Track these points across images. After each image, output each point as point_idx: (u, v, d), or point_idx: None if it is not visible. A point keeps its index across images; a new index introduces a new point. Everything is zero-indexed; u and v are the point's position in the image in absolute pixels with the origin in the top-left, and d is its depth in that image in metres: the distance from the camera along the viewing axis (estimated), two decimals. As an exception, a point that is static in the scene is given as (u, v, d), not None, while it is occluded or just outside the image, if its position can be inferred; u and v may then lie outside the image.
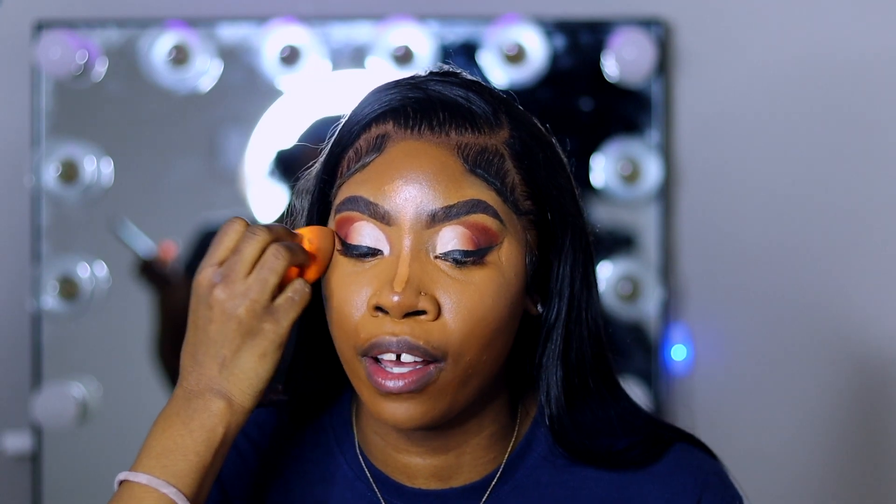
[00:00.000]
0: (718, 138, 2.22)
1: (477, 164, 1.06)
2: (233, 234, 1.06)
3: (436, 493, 1.13)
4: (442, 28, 2.19)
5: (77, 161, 2.19)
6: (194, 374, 1.04)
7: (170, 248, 2.20)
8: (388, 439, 1.13)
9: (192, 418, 1.03)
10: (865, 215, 2.21)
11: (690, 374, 2.21)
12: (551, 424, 1.13)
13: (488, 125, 1.09)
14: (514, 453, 1.15)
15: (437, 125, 1.07)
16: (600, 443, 1.14)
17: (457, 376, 1.05)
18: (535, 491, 1.14)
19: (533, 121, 1.14)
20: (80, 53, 2.17)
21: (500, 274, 1.06)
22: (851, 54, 2.20)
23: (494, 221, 1.06)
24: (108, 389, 2.22)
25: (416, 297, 1.03)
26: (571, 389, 1.13)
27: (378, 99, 1.10)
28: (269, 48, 2.19)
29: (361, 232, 1.06)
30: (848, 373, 2.20)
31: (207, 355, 1.04)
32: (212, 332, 1.04)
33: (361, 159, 1.08)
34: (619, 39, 2.16)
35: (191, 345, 1.05)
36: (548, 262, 1.12)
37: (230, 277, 1.04)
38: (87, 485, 2.22)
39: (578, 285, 1.12)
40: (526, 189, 1.09)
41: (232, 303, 1.03)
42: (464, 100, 1.09)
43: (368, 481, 1.15)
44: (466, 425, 1.12)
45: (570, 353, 1.12)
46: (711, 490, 1.14)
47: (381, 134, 1.08)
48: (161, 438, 1.03)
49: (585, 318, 1.13)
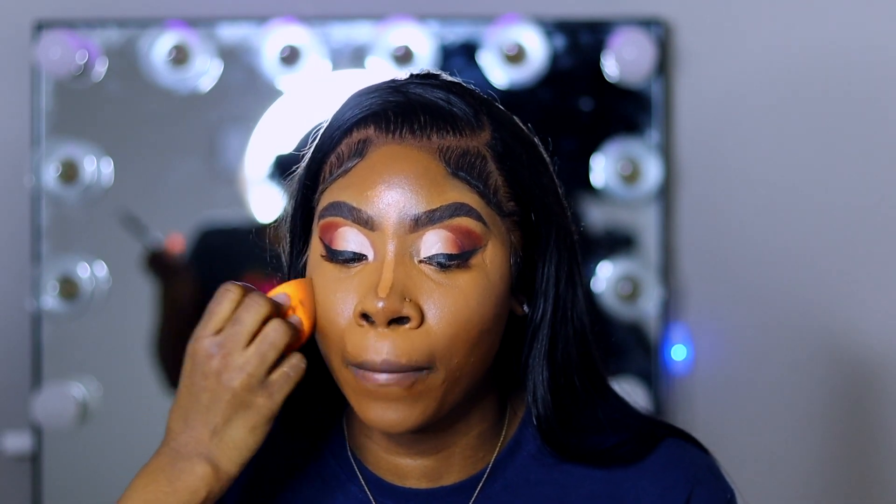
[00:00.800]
0: (718, 138, 2.22)
1: (459, 167, 1.06)
2: (228, 303, 1.05)
3: (426, 493, 1.14)
4: (442, 28, 2.19)
5: (77, 161, 2.19)
6: (184, 435, 1.05)
7: (177, 241, 2.21)
8: (379, 442, 1.14)
9: (177, 478, 1.04)
10: (866, 215, 2.21)
11: (690, 374, 2.21)
12: (539, 424, 1.13)
13: (469, 127, 1.08)
14: (503, 452, 1.15)
15: (419, 128, 1.07)
16: (589, 441, 1.14)
17: (444, 379, 1.05)
18: (524, 489, 1.14)
19: (515, 121, 1.13)
20: (80, 53, 2.17)
21: (484, 277, 1.06)
22: (851, 54, 2.20)
23: (478, 224, 1.06)
24: (108, 389, 2.22)
25: (401, 302, 1.04)
26: (558, 389, 1.13)
27: (358, 103, 1.10)
28: (269, 48, 2.19)
29: (345, 237, 1.06)
30: (847, 373, 2.20)
31: (198, 421, 1.04)
32: (204, 399, 1.04)
33: (343, 164, 1.08)
34: (619, 39, 2.16)
35: (182, 407, 1.05)
36: (532, 263, 1.12)
37: (227, 348, 1.04)
38: (87, 485, 2.22)
39: (563, 285, 1.12)
40: (509, 190, 1.09)
41: (228, 375, 1.03)
42: (444, 102, 1.09)
43: (360, 482, 1.15)
44: (455, 426, 1.12)
45: (556, 352, 1.12)
46: (703, 484, 1.14)
47: (363, 139, 1.08)
48: (143, 493, 1.04)
49: (571, 317, 1.13)
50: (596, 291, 2.18)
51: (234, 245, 2.21)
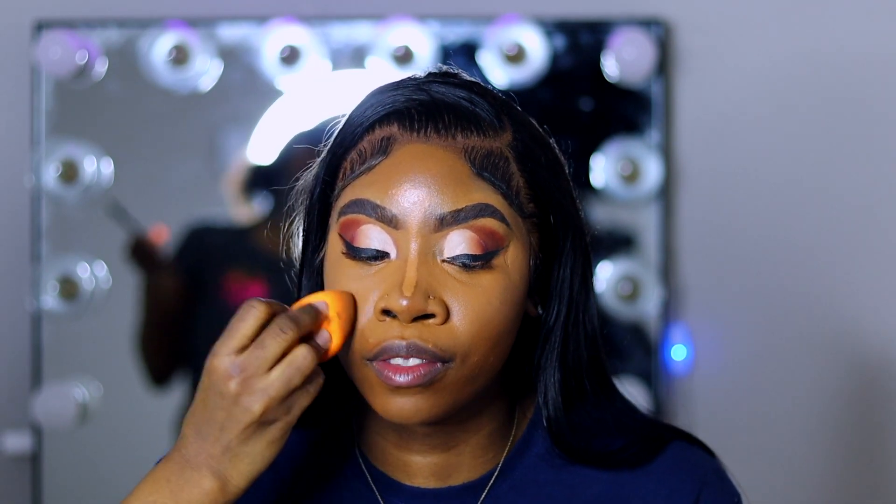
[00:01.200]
0: (718, 138, 2.22)
1: (484, 168, 1.06)
2: (252, 321, 1.01)
3: (434, 492, 1.13)
4: (442, 28, 2.19)
5: (77, 161, 2.19)
6: (195, 445, 1.02)
7: (161, 232, 2.20)
8: (389, 437, 1.13)
9: (181, 489, 1.02)
10: (866, 215, 2.21)
11: (690, 374, 2.21)
12: (549, 425, 1.13)
13: (492, 128, 1.08)
14: (512, 453, 1.15)
15: (443, 128, 1.07)
16: (597, 443, 1.14)
17: (463, 375, 1.05)
18: (532, 490, 1.14)
19: (532, 122, 1.13)
20: (80, 53, 2.17)
21: (506, 277, 1.06)
22: (852, 54, 2.20)
23: (501, 225, 1.06)
24: (108, 389, 2.21)
25: (425, 300, 1.03)
26: (568, 391, 1.13)
27: (380, 101, 1.09)
28: (269, 48, 2.19)
29: (368, 235, 1.06)
30: (848, 372, 2.20)
31: (211, 436, 1.01)
32: (219, 418, 1.01)
33: (367, 162, 1.07)
34: (619, 39, 2.16)
35: (196, 416, 1.02)
36: (549, 264, 1.12)
37: (249, 372, 1.00)
38: (87, 485, 2.22)
39: (577, 287, 1.13)
40: (529, 191, 1.09)
41: (249, 398, 1.00)
42: (467, 102, 1.08)
43: (367, 480, 1.15)
44: (465, 423, 1.12)
45: (568, 354, 1.13)
46: (710, 487, 1.14)
47: (386, 136, 1.07)
48: (145, 500, 1.02)
49: (583, 319, 1.13)
50: (596, 291, 2.18)
51: (222, 244, 2.21)
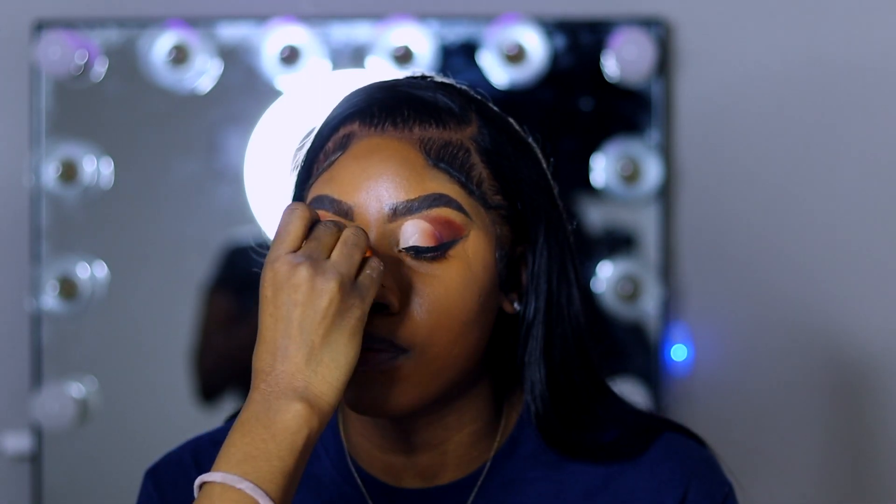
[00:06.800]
0: (718, 138, 2.22)
1: (440, 158, 1.07)
2: (299, 221, 1.03)
3: (422, 492, 1.13)
4: (442, 28, 2.19)
5: (77, 161, 2.19)
6: (273, 374, 0.99)
7: None
8: (374, 439, 1.14)
9: (273, 421, 0.98)
10: (866, 215, 2.21)
11: (690, 374, 2.21)
12: (538, 421, 1.13)
13: (454, 120, 1.09)
14: (501, 450, 1.14)
15: (401, 121, 1.08)
16: (588, 437, 1.14)
17: (425, 367, 1.05)
18: (523, 487, 1.14)
19: (507, 119, 1.14)
20: (80, 53, 2.17)
21: (466, 267, 1.06)
22: (852, 54, 2.20)
23: (458, 214, 1.06)
24: (108, 389, 2.21)
25: (381, 290, 1.03)
26: (557, 386, 1.13)
27: (348, 101, 1.12)
28: (269, 48, 2.19)
29: None
30: (847, 372, 2.20)
31: (292, 346, 0.99)
32: (297, 316, 0.98)
33: (328, 159, 1.09)
34: (620, 39, 2.16)
35: (268, 342, 0.99)
36: (524, 259, 1.12)
37: (314, 257, 1.00)
38: (87, 485, 2.22)
39: (556, 281, 1.12)
40: (494, 183, 1.09)
41: (322, 278, 0.99)
42: (430, 97, 1.10)
43: (356, 483, 1.15)
44: (445, 421, 1.12)
45: (553, 350, 1.12)
46: (699, 477, 1.14)
47: (347, 133, 1.09)
48: (242, 445, 0.98)
49: (567, 314, 1.13)
50: (596, 291, 2.18)
51: (255, 261, 2.21)
